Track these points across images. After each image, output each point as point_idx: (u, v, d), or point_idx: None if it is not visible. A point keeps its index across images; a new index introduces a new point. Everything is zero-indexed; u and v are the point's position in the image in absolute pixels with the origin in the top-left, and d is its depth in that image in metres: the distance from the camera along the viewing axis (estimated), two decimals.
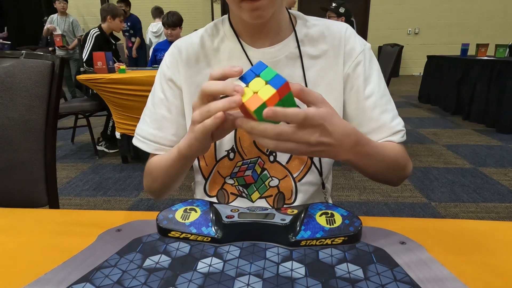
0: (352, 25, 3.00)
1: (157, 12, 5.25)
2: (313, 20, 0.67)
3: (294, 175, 0.67)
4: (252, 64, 0.64)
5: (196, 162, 0.71)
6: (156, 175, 0.65)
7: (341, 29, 0.66)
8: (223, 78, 0.43)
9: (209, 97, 0.44)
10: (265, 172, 0.67)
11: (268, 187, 0.68)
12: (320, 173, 0.68)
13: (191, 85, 0.66)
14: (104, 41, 2.97)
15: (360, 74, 0.65)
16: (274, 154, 0.66)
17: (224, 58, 0.66)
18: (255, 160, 0.67)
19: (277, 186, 0.68)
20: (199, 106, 0.44)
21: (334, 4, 3.12)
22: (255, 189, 0.68)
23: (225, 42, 0.66)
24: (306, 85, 0.64)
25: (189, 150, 0.51)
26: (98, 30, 2.98)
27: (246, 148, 0.66)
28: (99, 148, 3.09)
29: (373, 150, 0.52)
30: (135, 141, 0.70)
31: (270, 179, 0.67)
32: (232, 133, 0.66)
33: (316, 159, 0.67)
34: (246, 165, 0.67)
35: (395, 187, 2.30)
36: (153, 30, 5.21)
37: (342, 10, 3.09)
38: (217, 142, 0.66)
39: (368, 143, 0.50)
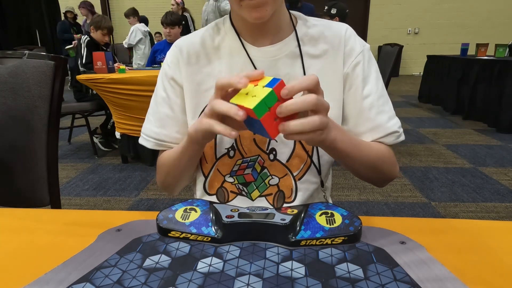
0: (344, 20, 2.98)
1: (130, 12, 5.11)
2: (313, 20, 0.68)
3: (294, 174, 0.67)
4: (252, 62, 0.65)
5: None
6: (168, 167, 0.68)
7: (341, 29, 0.67)
8: (228, 87, 0.47)
9: (222, 90, 0.47)
10: (265, 170, 0.67)
11: (268, 185, 0.68)
12: (319, 172, 0.68)
13: (192, 83, 0.67)
14: (95, 47, 3.00)
15: (358, 74, 0.65)
16: (274, 152, 0.66)
17: (224, 56, 0.66)
18: (255, 159, 0.67)
19: (277, 184, 0.68)
20: (213, 99, 0.47)
21: (326, 8, 3.13)
22: (255, 187, 0.68)
23: (226, 41, 0.67)
24: None
25: (195, 135, 0.54)
26: (88, 36, 3.03)
27: (246, 146, 0.66)
28: (94, 139, 3.10)
29: (352, 139, 0.58)
30: (141, 140, 0.71)
31: (270, 177, 0.68)
32: None
33: (315, 158, 0.67)
34: (246, 163, 0.67)
35: (396, 186, 2.30)
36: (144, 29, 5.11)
37: (333, 11, 3.09)
38: (217, 140, 0.67)
39: (345, 132, 0.57)
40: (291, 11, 0.68)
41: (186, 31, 4.46)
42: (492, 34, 7.92)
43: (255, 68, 0.64)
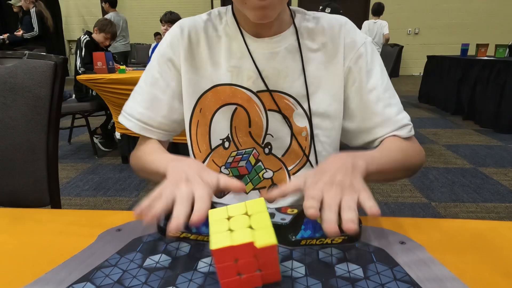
0: None
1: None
2: (312, 13, 0.67)
3: (289, 168, 0.67)
4: (251, 54, 0.63)
5: (190, 149, 0.70)
6: (143, 171, 0.64)
7: (341, 22, 0.66)
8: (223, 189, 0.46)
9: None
10: (260, 163, 0.67)
11: (262, 179, 0.67)
12: None
13: (190, 67, 0.66)
14: (94, 47, 3.02)
15: (362, 68, 0.64)
16: (269, 146, 0.66)
17: (224, 45, 0.65)
18: (250, 151, 0.66)
19: (271, 178, 0.67)
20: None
21: (320, 8, 3.18)
22: (249, 180, 0.68)
23: (226, 30, 0.66)
24: (305, 79, 0.64)
25: None
26: (88, 36, 3.04)
27: (241, 138, 0.66)
28: (94, 140, 3.10)
29: (380, 161, 0.53)
30: (121, 118, 0.68)
31: (264, 171, 0.67)
32: (228, 121, 0.65)
33: (312, 158, 0.67)
34: (241, 156, 0.66)
35: (396, 186, 2.30)
36: None
37: (328, 10, 3.13)
38: (212, 130, 0.66)
39: (370, 159, 0.50)
40: (290, 7, 0.67)
41: (29, 27, 4.34)
42: (492, 35, 7.92)
43: (253, 60, 0.63)
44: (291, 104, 0.64)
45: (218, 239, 0.31)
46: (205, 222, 0.47)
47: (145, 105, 0.66)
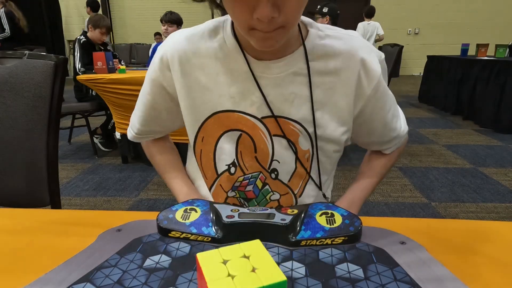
0: (335, 23, 3.04)
1: None
2: (327, 30, 0.60)
3: (295, 192, 0.67)
4: (255, 79, 0.58)
5: (200, 174, 0.71)
6: (155, 167, 0.78)
7: (357, 45, 0.59)
8: None
9: None
10: (267, 186, 0.66)
11: (269, 201, 0.68)
12: (320, 188, 0.68)
13: (187, 97, 0.62)
14: (91, 47, 3.01)
15: (382, 94, 0.63)
16: (276, 172, 0.65)
17: (223, 69, 0.60)
18: (256, 175, 0.65)
19: (278, 200, 0.67)
20: None
21: (318, 6, 3.17)
22: (256, 203, 0.68)
23: (224, 49, 0.59)
24: (312, 105, 0.60)
25: None
26: (84, 37, 3.03)
27: (247, 163, 0.64)
28: (94, 140, 3.10)
29: (364, 195, 0.72)
30: (127, 132, 0.77)
31: (271, 193, 0.67)
32: (233, 146, 0.63)
33: (315, 173, 0.67)
34: (248, 180, 0.66)
35: (396, 186, 2.30)
36: None
37: (325, 10, 3.11)
38: (216, 157, 0.65)
39: (355, 199, 0.71)
40: (301, 18, 0.59)
41: (1, 29, 4.32)
42: (492, 35, 7.92)
43: (258, 86, 0.58)
44: (297, 130, 0.62)
45: None
46: (205, 223, 0.47)
47: (142, 123, 0.72)
